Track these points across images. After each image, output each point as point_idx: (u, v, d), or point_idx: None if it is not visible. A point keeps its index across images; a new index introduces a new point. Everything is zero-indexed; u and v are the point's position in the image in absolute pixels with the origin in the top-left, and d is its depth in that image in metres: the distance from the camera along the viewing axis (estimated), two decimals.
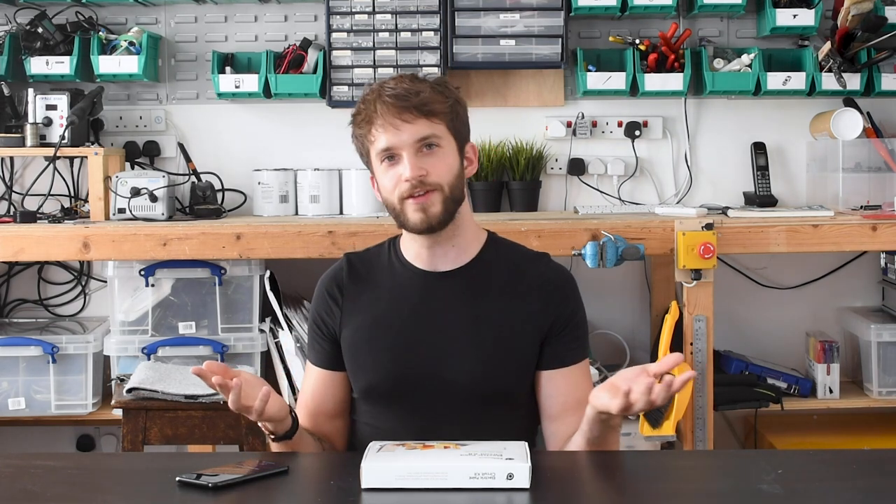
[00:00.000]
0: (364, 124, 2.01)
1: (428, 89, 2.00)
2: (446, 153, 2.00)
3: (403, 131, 1.97)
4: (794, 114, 3.57)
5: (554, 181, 3.60)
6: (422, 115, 1.98)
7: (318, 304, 2.12)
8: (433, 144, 1.99)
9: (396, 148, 1.98)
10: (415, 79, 2.02)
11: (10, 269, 3.57)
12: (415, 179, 1.96)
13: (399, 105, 1.97)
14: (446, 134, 2.01)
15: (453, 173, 2.01)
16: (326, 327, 2.09)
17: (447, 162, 2.00)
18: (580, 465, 1.87)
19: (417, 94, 1.98)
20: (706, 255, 2.99)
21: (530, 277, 2.07)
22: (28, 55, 3.39)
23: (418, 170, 1.97)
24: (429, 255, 2.06)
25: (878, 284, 3.59)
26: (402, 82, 2.00)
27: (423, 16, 3.41)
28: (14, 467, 1.83)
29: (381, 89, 2.00)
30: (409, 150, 1.97)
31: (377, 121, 1.98)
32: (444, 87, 2.03)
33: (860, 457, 1.91)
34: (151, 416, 2.73)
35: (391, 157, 1.99)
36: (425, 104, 1.98)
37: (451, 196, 2.00)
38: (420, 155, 1.98)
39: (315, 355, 2.12)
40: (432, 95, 1.99)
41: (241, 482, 1.68)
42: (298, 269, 3.28)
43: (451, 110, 2.02)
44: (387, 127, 1.97)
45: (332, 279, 2.12)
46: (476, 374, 2.00)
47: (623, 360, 3.44)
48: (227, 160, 3.58)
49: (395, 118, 1.97)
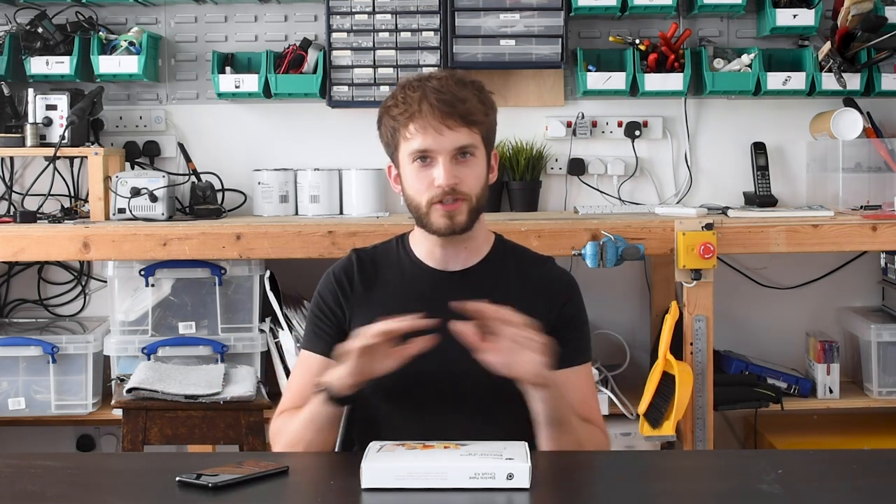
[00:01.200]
0: (401, 118, 1.98)
1: (473, 98, 1.98)
2: (479, 162, 2.01)
3: (445, 137, 1.96)
4: (794, 114, 3.58)
5: (554, 181, 3.60)
6: (465, 124, 1.97)
7: (325, 294, 2.10)
8: (468, 153, 1.99)
9: (434, 152, 1.97)
10: (461, 83, 1.99)
11: (10, 269, 3.57)
12: (448, 187, 1.96)
13: (445, 111, 1.95)
14: (481, 144, 2.01)
15: (482, 183, 2.02)
16: (334, 316, 2.08)
17: (478, 172, 2.00)
18: (580, 465, 1.87)
19: (464, 101, 1.97)
20: (706, 255, 2.99)
21: (535, 279, 2.09)
22: (28, 55, 3.39)
23: (453, 178, 1.96)
24: (442, 254, 2.07)
25: (878, 284, 3.59)
26: (449, 84, 1.98)
27: (423, 16, 3.41)
28: (14, 467, 1.83)
29: (426, 87, 1.97)
30: (446, 157, 1.97)
31: (418, 120, 1.96)
32: (486, 96, 2.02)
33: (860, 457, 1.91)
34: (151, 416, 2.73)
35: (424, 159, 1.98)
36: (470, 114, 1.97)
37: (476, 206, 2.01)
38: (455, 163, 1.97)
39: (318, 343, 2.08)
40: (477, 105, 1.98)
41: (241, 482, 1.67)
42: (298, 269, 3.28)
43: (489, 120, 2.02)
44: (427, 129, 1.96)
45: (342, 271, 2.11)
46: (481, 374, 2.00)
47: (623, 360, 3.44)
48: (227, 160, 3.58)
49: (439, 123, 1.95)
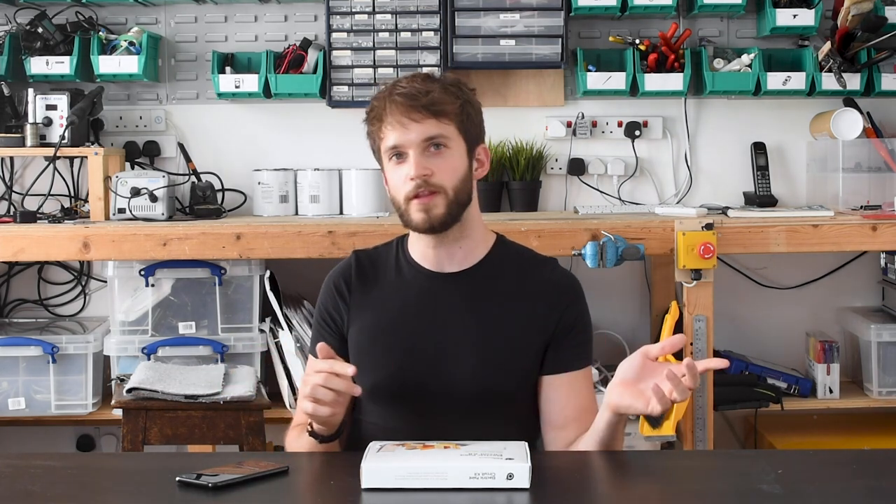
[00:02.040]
0: (375, 121, 2.02)
1: (438, 89, 2.00)
2: (453, 154, 2.00)
3: (411, 130, 1.97)
4: (794, 114, 3.57)
5: (554, 181, 3.60)
6: (430, 114, 1.98)
7: (325, 299, 2.11)
8: (440, 145, 1.99)
9: (403, 146, 1.98)
10: (427, 78, 2.02)
11: (10, 269, 3.57)
12: (419, 178, 1.96)
13: (408, 104, 1.97)
14: (455, 135, 2.00)
15: (459, 176, 2.00)
16: (334, 322, 2.09)
17: (453, 164, 2.00)
18: (580, 465, 1.87)
19: (427, 93, 1.98)
20: (706, 255, 2.99)
21: (537, 281, 2.07)
22: (28, 55, 3.39)
23: (423, 169, 1.97)
24: (435, 256, 2.06)
25: (878, 284, 3.59)
26: (415, 81, 2.00)
27: (423, 16, 3.41)
28: (14, 467, 1.83)
29: (394, 88, 2.01)
30: (416, 149, 1.97)
31: (386, 118, 1.99)
32: (457, 88, 2.03)
33: (860, 457, 1.91)
34: (151, 416, 2.73)
35: (399, 156, 2.00)
36: (434, 104, 1.98)
37: (455, 199, 1.99)
38: (426, 154, 1.98)
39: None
40: (442, 95, 1.99)
41: (241, 482, 1.68)
42: (298, 269, 3.28)
43: (462, 111, 2.02)
44: (395, 125, 1.98)
45: (340, 275, 2.12)
46: (480, 376, 2.00)
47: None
48: (227, 160, 3.58)
49: (403, 116, 1.97)
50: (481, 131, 2.09)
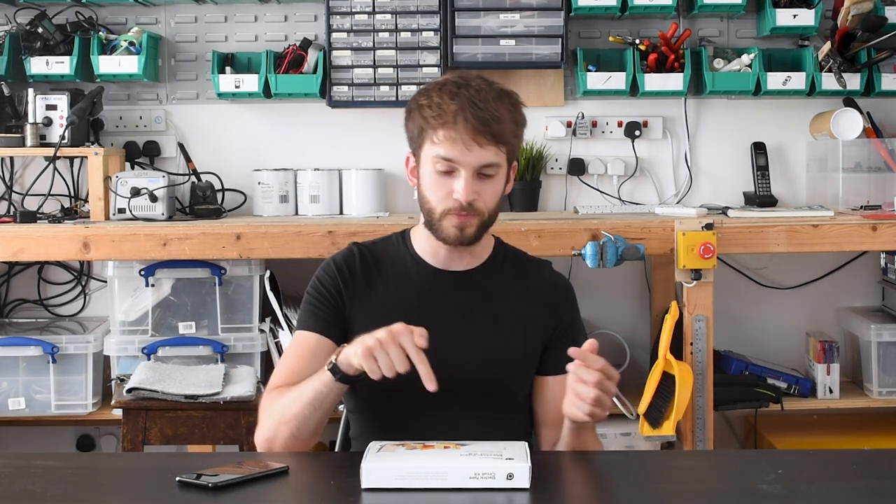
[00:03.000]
0: (434, 120, 1.97)
1: (507, 116, 1.97)
2: (499, 180, 2.01)
3: (473, 153, 1.95)
4: (794, 114, 3.58)
5: (554, 181, 3.60)
6: (494, 142, 1.96)
7: (324, 279, 2.07)
8: (491, 171, 1.98)
9: (458, 164, 1.96)
10: (500, 97, 1.97)
11: (10, 269, 3.57)
12: (467, 203, 1.96)
13: (479, 128, 1.94)
14: (504, 161, 2.00)
15: (497, 199, 2.02)
16: (333, 299, 2.05)
17: (497, 189, 2.01)
18: (580, 465, 1.87)
19: (499, 121, 1.95)
20: (706, 255, 2.99)
21: (535, 283, 2.10)
22: (28, 55, 3.39)
23: (472, 194, 1.96)
24: (446, 255, 2.07)
25: (878, 284, 3.59)
26: (488, 97, 1.95)
27: (423, 16, 3.41)
28: (14, 467, 1.83)
29: (464, 97, 1.95)
30: (469, 172, 1.96)
31: (450, 130, 1.95)
32: (520, 113, 2.01)
33: (860, 457, 1.91)
34: (151, 416, 2.73)
35: (447, 168, 1.97)
36: (502, 134, 1.96)
37: (488, 220, 2.02)
38: (476, 178, 1.97)
39: (315, 322, 2.05)
40: (510, 125, 1.98)
41: (241, 482, 1.68)
42: (298, 269, 3.27)
43: (517, 139, 2.02)
44: (457, 141, 1.95)
45: (343, 260, 2.09)
46: (483, 372, 2.01)
47: (623, 360, 3.44)
48: (227, 160, 3.58)
49: (469, 138, 1.94)
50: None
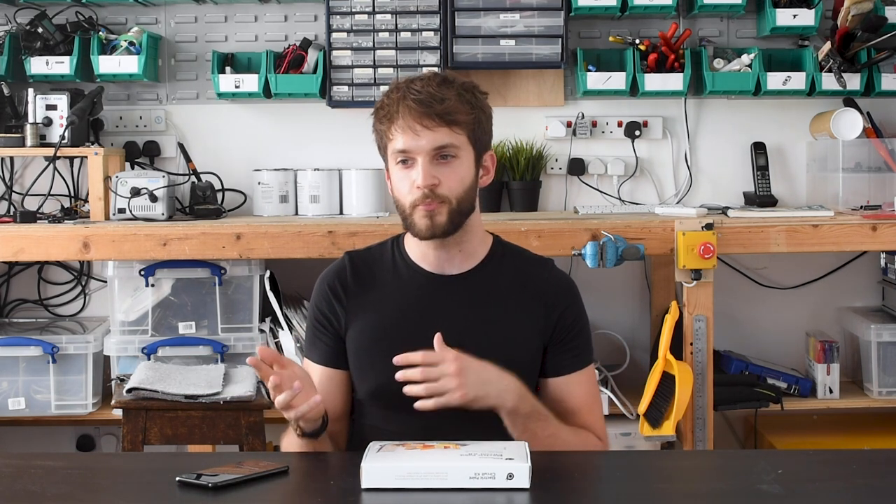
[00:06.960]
0: (385, 120, 1.98)
1: (454, 97, 1.96)
2: (462, 164, 1.98)
3: (422, 137, 1.95)
4: (794, 114, 3.58)
5: (554, 181, 3.60)
6: (443, 123, 1.95)
7: (319, 301, 2.09)
8: (449, 155, 1.97)
9: (412, 152, 1.96)
10: (444, 83, 1.98)
11: (10, 269, 3.57)
12: (426, 188, 1.95)
13: (421, 110, 1.94)
14: (465, 144, 1.98)
15: (465, 186, 1.99)
16: (330, 325, 2.07)
17: (460, 174, 1.98)
18: (580, 465, 1.87)
19: (442, 100, 1.95)
20: (706, 255, 2.99)
21: (535, 283, 2.07)
22: (28, 55, 3.39)
23: (431, 178, 1.95)
24: (436, 258, 2.05)
25: (878, 284, 3.59)
26: (430, 85, 1.96)
27: (423, 16, 3.41)
28: (14, 467, 1.83)
29: (408, 89, 1.96)
30: (425, 157, 1.95)
31: (397, 121, 1.95)
32: (472, 95, 2.00)
33: (860, 457, 1.91)
34: (151, 416, 2.73)
35: (406, 161, 1.97)
36: (448, 112, 1.95)
37: (458, 209, 1.98)
38: (435, 163, 1.96)
39: (317, 353, 2.09)
40: (457, 104, 1.96)
41: (241, 482, 1.68)
42: (298, 269, 3.28)
43: (475, 120, 1.99)
44: (406, 130, 1.95)
45: (334, 276, 2.09)
46: None
47: (623, 360, 3.44)
48: (227, 160, 3.58)
49: (415, 122, 1.94)
50: (490, 138, 2.07)
